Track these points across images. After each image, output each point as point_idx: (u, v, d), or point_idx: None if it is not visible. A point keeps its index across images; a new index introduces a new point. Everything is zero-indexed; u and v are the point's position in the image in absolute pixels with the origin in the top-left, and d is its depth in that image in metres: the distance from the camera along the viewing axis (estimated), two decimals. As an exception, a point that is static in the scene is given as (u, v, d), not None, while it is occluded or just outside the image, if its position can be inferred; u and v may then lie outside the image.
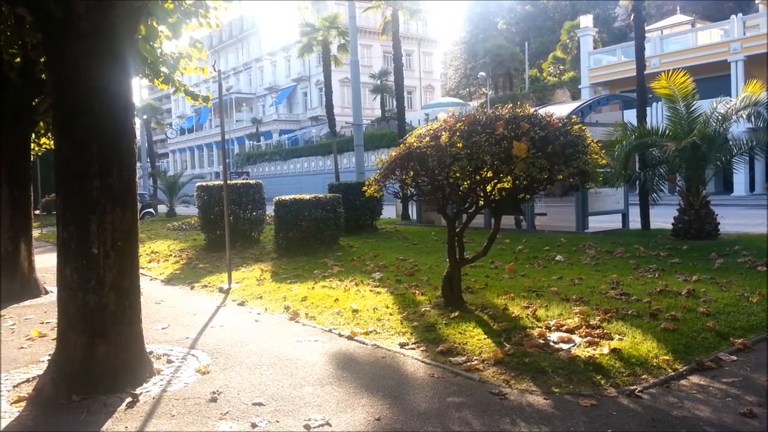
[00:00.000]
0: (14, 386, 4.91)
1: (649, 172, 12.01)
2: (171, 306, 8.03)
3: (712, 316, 5.82)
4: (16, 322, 7.40)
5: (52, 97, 5.19)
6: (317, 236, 11.82)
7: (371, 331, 6.07)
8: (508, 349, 5.14)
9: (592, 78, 37.67)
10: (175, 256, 12.91)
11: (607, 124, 13.27)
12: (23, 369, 5.36)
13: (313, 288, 8.34)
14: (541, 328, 5.72)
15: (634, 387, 4.33)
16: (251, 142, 63.47)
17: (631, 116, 14.39)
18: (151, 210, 31.52)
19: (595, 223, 13.81)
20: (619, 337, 5.34)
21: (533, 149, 5.75)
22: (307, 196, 12.07)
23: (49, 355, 5.16)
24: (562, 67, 56.15)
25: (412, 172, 6.66)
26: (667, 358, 4.81)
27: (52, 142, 12.29)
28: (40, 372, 4.94)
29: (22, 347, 6.16)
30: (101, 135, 4.68)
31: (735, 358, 4.86)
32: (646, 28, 22.16)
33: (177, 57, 9.50)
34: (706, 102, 12.16)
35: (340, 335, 6.06)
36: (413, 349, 5.47)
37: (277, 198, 12.19)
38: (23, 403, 4.48)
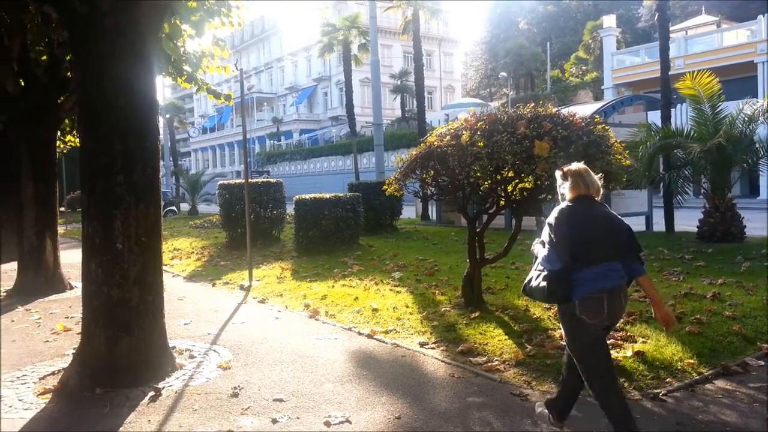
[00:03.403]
0: (40, 378, 5.00)
1: (674, 174, 11.84)
2: (193, 302, 8.10)
3: (738, 320, 5.71)
4: (41, 316, 7.53)
5: (78, 95, 5.27)
6: (337, 235, 11.85)
7: (391, 330, 6.07)
8: (530, 350, 5.10)
9: (615, 79, 37.23)
10: (197, 254, 13.04)
11: (630, 124, 13.10)
12: (48, 362, 5.45)
13: (333, 286, 8.35)
14: (562, 329, 5.66)
15: (658, 390, 4.26)
16: (272, 141, 63.81)
17: (655, 117, 14.18)
18: (174, 208, 31.84)
19: (618, 225, 13.61)
20: (643, 340, 5.27)
21: (555, 149, 5.70)
22: (327, 195, 12.11)
23: (74, 348, 5.24)
24: (584, 67, 55.58)
25: (432, 172, 6.64)
26: (692, 361, 4.73)
27: (77, 139, 12.49)
28: (65, 365, 5.02)
29: (48, 341, 6.26)
30: (126, 132, 4.74)
31: (762, 363, 4.78)
32: (671, 29, 21.85)
33: (200, 55, 9.58)
34: (732, 104, 11.94)
35: (359, 334, 6.06)
36: (433, 348, 5.46)
37: (297, 197, 12.24)
38: (49, 395, 4.55)
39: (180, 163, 58.70)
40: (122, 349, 4.72)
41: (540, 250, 3.38)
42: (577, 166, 3.44)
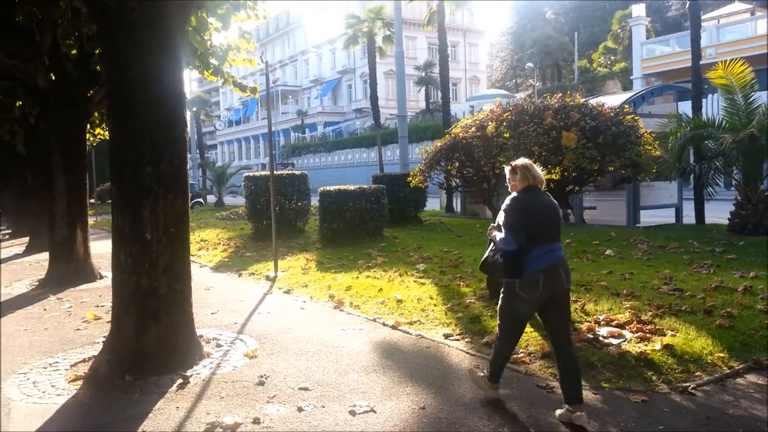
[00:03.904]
0: (71, 365, 5.11)
1: (705, 165, 11.60)
2: (220, 292, 8.20)
3: (771, 314, 5.59)
4: (72, 305, 7.70)
5: (107, 88, 5.35)
6: (361, 227, 11.87)
7: (415, 321, 6.07)
8: (555, 343, 5.04)
9: (644, 69, 36.53)
10: (223, 245, 13.19)
11: (660, 115, 12.85)
12: (80, 349, 5.58)
13: (358, 278, 8.38)
14: (590, 322, 5.60)
15: (688, 384, 4.20)
16: (296, 133, 64.10)
17: (685, 107, 13.89)
18: (201, 200, 32.27)
19: (647, 218, 13.42)
20: (672, 333, 5.18)
21: (583, 139, 5.64)
22: (352, 187, 12.13)
23: (104, 336, 5.35)
24: (612, 57, 54.65)
25: (457, 163, 6.62)
26: (722, 355, 4.65)
27: (106, 132, 12.70)
28: (96, 353, 5.13)
29: (79, 329, 6.40)
30: (154, 124, 4.81)
31: (796, 357, 4.66)
32: (702, 17, 21.36)
33: (226, 48, 9.66)
34: (766, 93, 11.63)
35: (384, 324, 6.08)
36: (458, 340, 5.45)
37: (321, 188, 12.29)
38: (80, 382, 4.65)
39: (206, 156, 59.28)
40: (151, 337, 4.81)
41: (497, 234, 3.80)
42: (523, 161, 3.90)
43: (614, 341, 5.05)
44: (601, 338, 5.14)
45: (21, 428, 3.89)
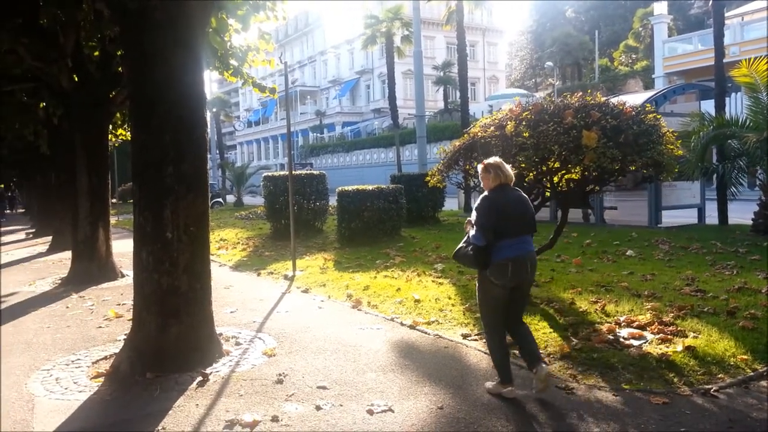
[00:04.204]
0: (93, 363, 5.19)
1: (728, 165, 11.41)
2: (239, 291, 8.26)
3: (796, 316, 5.48)
4: (94, 303, 7.81)
5: (129, 89, 5.43)
6: (379, 227, 11.88)
7: (433, 321, 6.06)
8: (575, 344, 5.01)
9: (666, 67, 36.06)
10: (242, 244, 13.29)
11: (682, 114, 12.68)
12: (101, 347, 5.65)
13: (375, 277, 8.39)
14: (610, 323, 5.54)
15: (710, 386, 4.13)
16: (315, 134, 64.35)
17: (708, 106, 13.67)
18: (220, 200, 32.55)
19: (669, 218, 13.24)
20: (694, 334, 5.11)
21: (604, 138, 5.57)
22: (370, 187, 12.14)
23: (125, 334, 5.42)
24: (634, 56, 54.03)
25: (475, 162, 6.58)
26: (745, 357, 4.57)
27: (128, 133, 12.88)
28: (117, 350, 5.20)
29: (100, 326, 6.49)
30: (176, 124, 4.86)
31: (822, 360, 4.57)
32: (726, 14, 21.02)
33: (245, 49, 9.73)
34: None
35: (402, 324, 6.07)
36: (476, 340, 5.42)
37: (340, 188, 12.32)
38: (101, 379, 4.72)
39: (226, 156, 59.79)
40: (172, 335, 4.86)
41: (470, 229, 4.11)
42: (495, 159, 4.18)
43: (635, 342, 5.00)
44: (621, 339, 5.08)
45: (44, 424, 3.95)
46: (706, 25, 38.65)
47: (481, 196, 4.14)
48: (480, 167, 4.18)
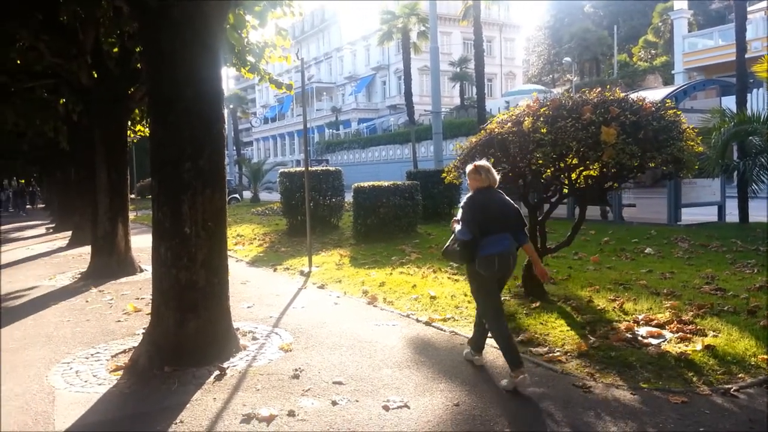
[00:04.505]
0: (112, 356, 5.25)
1: (749, 162, 11.21)
2: (255, 286, 8.31)
3: (819, 316, 5.38)
4: (113, 297, 7.90)
5: (148, 85, 5.46)
6: (395, 223, 11.87)
7: (449, 318, 6.05)
8: (593, 342, 4.97)
9: (686, 63, 35.59)
10: (258, 240, 13.36)
11: (702, 110, 12.50)
12: (120, 340, 5.72)
13: (391, 274, 8.39)
14: (628, 321, 5.50)
15: (730, 386, 4.08)
16: (330, 130, 64.44)
17: (729, 102, 13.46)
18: (237, 196, 32.75)
19: (689, 216, 13.08)
20: (714, 333, 5.05)
21: (623, 135, 5.51)
22: (386, 184, 12.14)
23: (144, 328, 5.48)
24: (653, 51, 53.38)
25: (492, 159, 6.53)
26: (766, 357, 4.50)
27: (146, 129, 12.99)
28: (136, 344, 5.25)
29: (119, 320, 6.56)
30: (193, 120, 4.89)
31: None
32: (748, 9, 20.66)
33: (262, 46, 9.77)
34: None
35: (417, 321, 6.07)
36: (492, 337, 5.39)
37: (356, 185, 12.32)
38: (120, 372, 4.78)
39: (243, 153, 60.08)
40: (190, 329, 4.90)
41: (457, 226, 4.42)
42: (485, 163, 4.54)
43: (653, 341, 4.95)
44: (640, 338, 5.03)
45: (65, 416, 4.01)
46: (727, 20, 38.03)
47: (467, 195, 4.46)
48: (470, 168, 4.47)
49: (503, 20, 62.61)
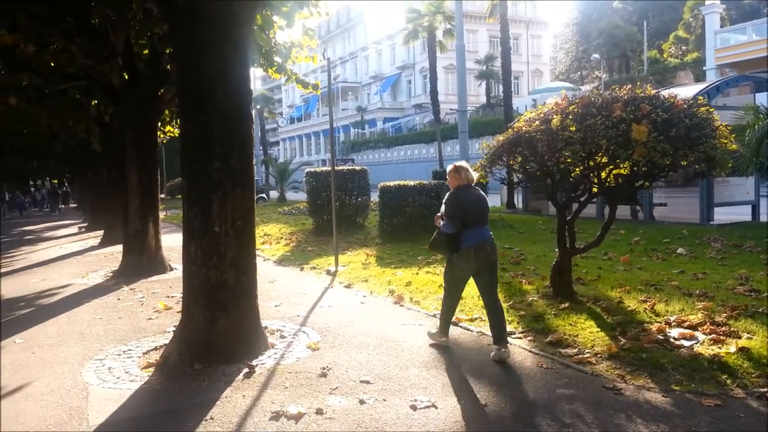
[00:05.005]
0: (144, 353, 5.34)
1: (785, 160, 10.94)
2: (283, 285, 8.38)
3: None
4: (144, 295, 8.03)
5: (178, 85, 5.55)
6: (421, 222, 11.84)
7: (476, 318, 6.02)
8: (624, 344, 4.90)
9: (718, 59, 34.81)
10: (285, 239, 13.46)
11: (736, 107, 12.21)
12: (151, 338, 5.82)
13: (417, 273, 8.38)
14: (660, 323, 5.40)
15: (765, 389, 3.98)
16: (356, 130, 64.59)
17: (763, 99, 13.13)
18: (264, 195, 33.01)
19: (722, 215, 12.81)
20: (748, 335, 4.94)
21: (654, 132, 5.41)
22: (412, 183, 12.12)
23: (174, 326, 5.56)
24: (684, 47, 52.34)
25: (519, 158, 6.48)
26: (805, 360, 4.38)
27: (176, 129, 13.19)
28: (166, 341, 5.34)
29: (150, 318, 6.67)
30: (223, 120, 4.94)
31: None
32: (784, 2, 20.10)
33: (289, 46, 9.84)
34: None
35: (445, 320, 6.04)
36: (520, 338, 5.36)
37: (381, 184, 12.33)
38: (151, 369, 4.86)
39: (269, 152, 60.68)
40: (220, 327, 4.96)
41: (441, 222, 4.95)
42: (463, 163, 5.10)
43: (686, 343, 4.85)
44: (672, 340, 4.94)
45: (98, 411, 4.09)
46: (761, 14, 37.12)
47: (449, 193, 4.99)
48: (450, 168, 5.04)
49: (530, 17, 61.99)
